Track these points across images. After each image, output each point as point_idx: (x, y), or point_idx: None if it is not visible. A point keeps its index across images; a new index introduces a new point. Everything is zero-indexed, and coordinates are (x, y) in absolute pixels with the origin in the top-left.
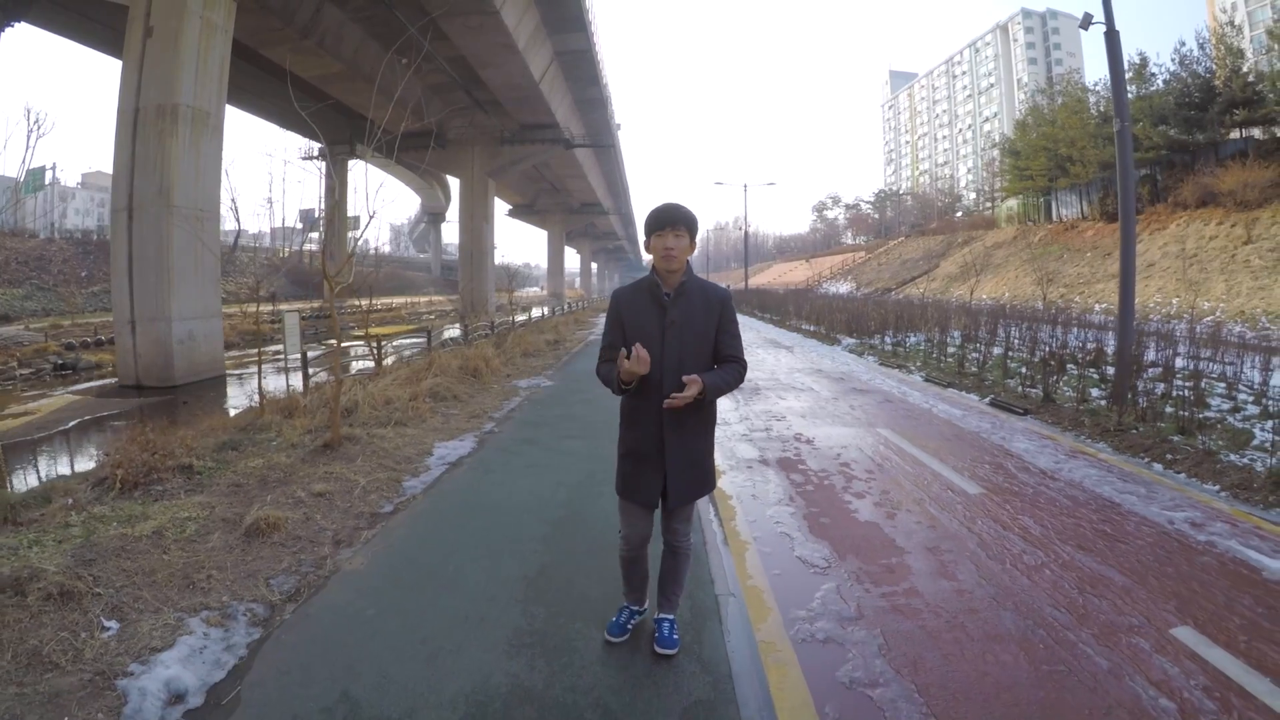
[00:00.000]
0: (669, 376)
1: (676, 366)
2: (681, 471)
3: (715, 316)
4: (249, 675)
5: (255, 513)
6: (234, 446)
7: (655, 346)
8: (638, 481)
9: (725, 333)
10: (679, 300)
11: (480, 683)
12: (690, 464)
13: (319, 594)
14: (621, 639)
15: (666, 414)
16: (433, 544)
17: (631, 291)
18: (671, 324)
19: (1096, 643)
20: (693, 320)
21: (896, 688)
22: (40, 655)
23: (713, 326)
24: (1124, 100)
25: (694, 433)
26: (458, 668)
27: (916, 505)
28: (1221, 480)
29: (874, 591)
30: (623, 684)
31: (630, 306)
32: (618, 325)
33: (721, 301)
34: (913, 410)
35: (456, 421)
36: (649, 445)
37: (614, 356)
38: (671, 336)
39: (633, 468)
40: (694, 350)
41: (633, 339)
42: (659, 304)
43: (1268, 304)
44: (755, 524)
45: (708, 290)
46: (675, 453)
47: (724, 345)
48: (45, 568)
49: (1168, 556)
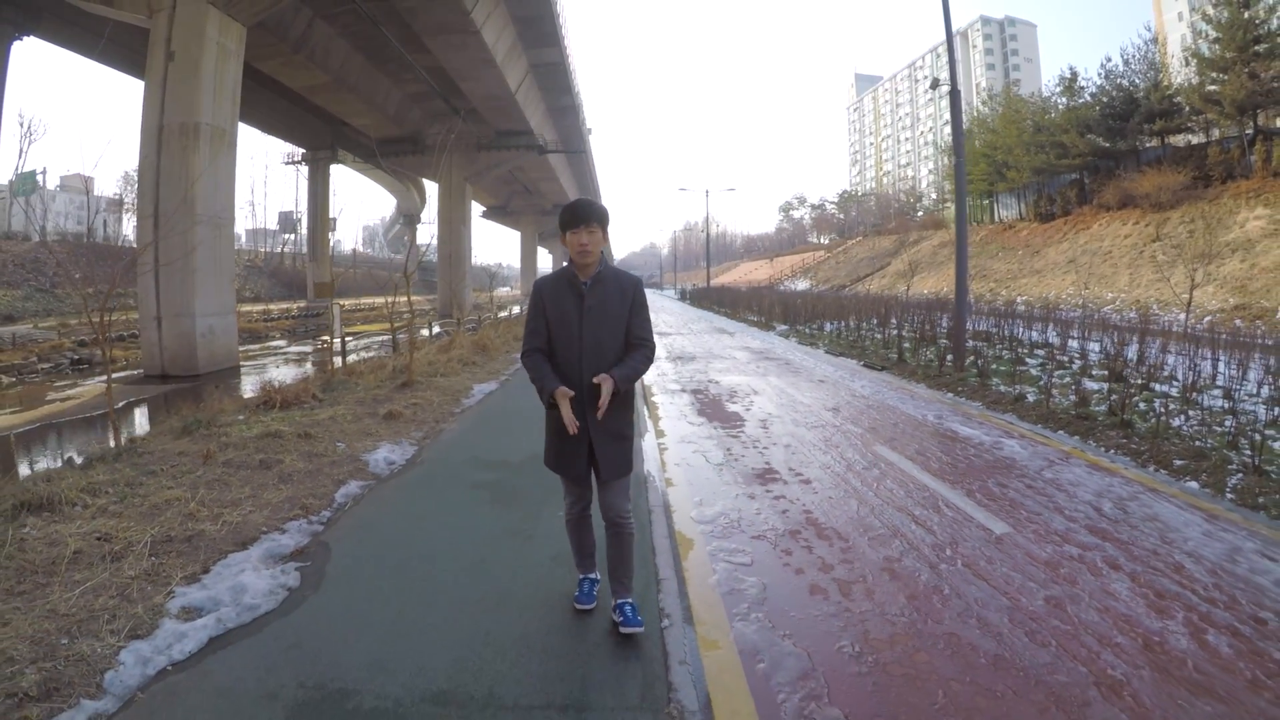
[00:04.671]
0: (588, 357)
1: (594, 347)
2: (606, 446)
3: (628, 301)
4: (419, 456)
5: (385, 409)
6: (332, 389)
7: (574, 329)
8: (566, 458)
9: (636, 316)
10: (595, 288)
11: (527, 449)
12: (614, 438)
13: (438, 436)
14: (592, 605)
15: (588, 393)
16: (487, 422)
17: (552, 281)
18: (589, 310)
19: (834, 449)
20: (608, 305)
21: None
22: (315, 454)
23: (626, 310)
24: (961, 143)
25: (615, 410)
26: (516, 447)
27: (774, 406)
28: (983, 399)
29: (723, 430)
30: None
31: (551, 295)
32: (540, 312)
33: (634, 287)
34: (799, 367)
35: (480, 375)
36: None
37: (540, 343)
38: (589, 320)
39: (560, 445)
40: (609, 332)
41: (554, 324)
42: (577, 292)
43: (1160, 294)
44: (669, 414)
45: (621, 278)
46: (598, 430)
47: (635, 327)
48: (283, 430)
49: (906, 426)
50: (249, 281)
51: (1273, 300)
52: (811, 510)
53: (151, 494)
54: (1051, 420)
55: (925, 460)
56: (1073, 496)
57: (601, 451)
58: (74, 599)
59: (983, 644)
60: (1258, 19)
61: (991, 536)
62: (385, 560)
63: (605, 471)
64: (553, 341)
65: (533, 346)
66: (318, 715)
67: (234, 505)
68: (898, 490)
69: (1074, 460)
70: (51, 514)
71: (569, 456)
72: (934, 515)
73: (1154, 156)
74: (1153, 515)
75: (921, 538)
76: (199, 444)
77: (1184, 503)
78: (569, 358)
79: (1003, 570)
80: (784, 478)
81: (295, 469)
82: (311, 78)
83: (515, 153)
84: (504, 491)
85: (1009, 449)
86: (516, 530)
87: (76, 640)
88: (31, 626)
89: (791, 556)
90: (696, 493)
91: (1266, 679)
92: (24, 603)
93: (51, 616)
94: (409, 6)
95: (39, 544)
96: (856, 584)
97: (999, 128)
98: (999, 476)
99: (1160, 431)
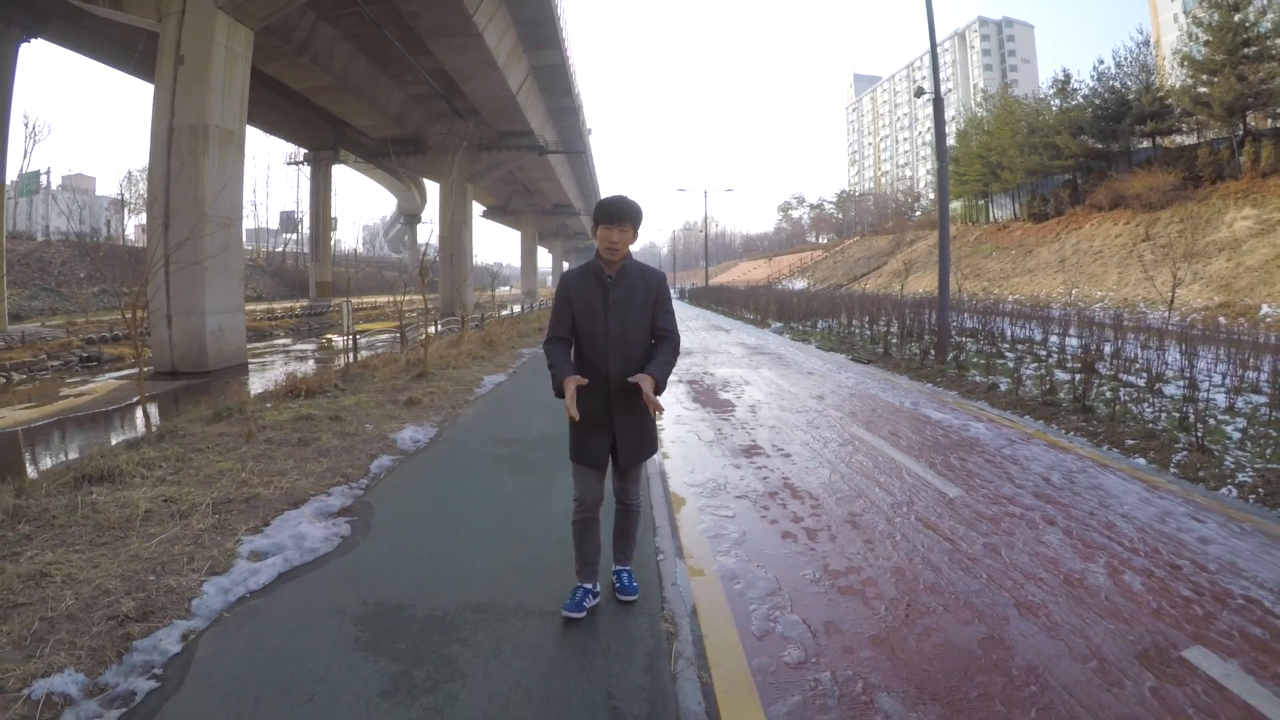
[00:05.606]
0: (614, 348)
1: (620, 338)
2: (629, 436)
3: (653, 295)
4: (441, 435)
5: (404, 396)
6: (350, 380)
7: (600, 322)
8: (589, 446)
9: (660, 308)
10: (621, 281)
11: (538, 430)
12: (637, 430)
13: (455, 419)
14: (581, 615)
15: (614, 383)
16: (500, 407)
17: (579, 274)
18: (614, 302)
19: (815, 430)
20: (632, 298)
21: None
22: (347, 433)
23: (650, 303)
24: (944, 150)
25: (640, 404)
26: (528, 428)
27: (763, 395)
28: (960, 388)
29: (715, 415)
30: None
31: (578, 287)
32: (566, 303)
33: (658, 282)
34: (790, 361)
35: (489, 368)
36: (599, 413)
37: (564, 333)
38: (615, 312)
39: (584, 434)
40: (635, 324)
41: (580, 316)
42: (603, 285)
43: (1146, 293)
44: (665, 402)
45: (645, 272)
46: (623, 420)
47: (659, 319)
48: (314, 413)
49: (883, 411)
50: (251, 280)
51: (1256, 298)
52: (789, 477)
53: (204, 466)
54: (1019, 406)
55: (896, 439)
56: (1025, 469)
57: (625, 442)
58: (153, 547)
59: (923, 575)
60: (1248, 22)
61: (945, 498)
62: (422, 514)
63: (625, 460)
64: (579, 334)
65: (556, 335)
66: (380, 622)
67: (281, 474)
68: (867, 462)
69: (1035, 440)
70: (113, 484)
71: (589, 445)
72: (896, 482)
73: (1145, 157)
74: (1097, 485)
75: (882, 498)
76: (236, 426)
77: (1128, 475)
78: (595, 349)
79: (949, 523)
80: (767, 452)
81: (331, 445)
82: (315, 79)
83: (516, 153)
84: (519, 463)
85: (975, 430)
86: (534, 491)
87: (163, 577)
88: (120, 568)
89: (768, 511)
90: (689, 464)
91: (1169, 609)
92: (109, 551)
93: (136, 560)
94: (412, 10)
95: (110, 506)
96: (822, 531)
97: (994, 129)
98: (961, 453)
99: (1118, 416)
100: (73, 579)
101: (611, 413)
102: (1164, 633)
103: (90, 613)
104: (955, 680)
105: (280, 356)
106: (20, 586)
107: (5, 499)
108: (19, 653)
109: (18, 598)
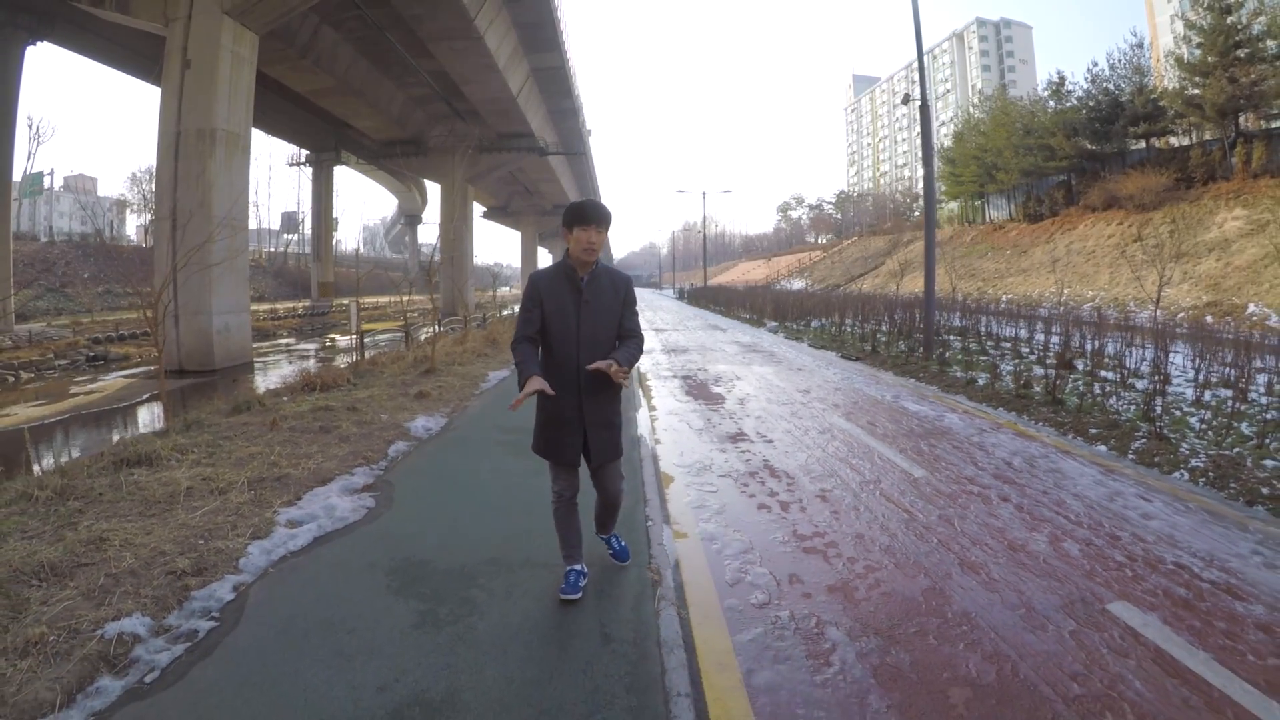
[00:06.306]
0: (584, 348)
1: (590, 339)
2: (598, 432)
3: (620, 297)
4: (451, 424)
5: (415, 390)
6: (361, 375)
7: (571, 322)
8: (559, 444)
9: (628, 310)
10: (592, 284)
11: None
12: (605, 425)
13: (464, 410)
14: (577, 596)
15: (584, 382)
16: (505, 400)
17: (548, 276)
18: (585, 303)
19: (798, 419)
20: (602, 300)
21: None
22: (364, 422)
23: (618, 305)
24: (930, 155)
25: (607, 399)
26: (530, 416)
27: (753, 389)
28: (941, 383)
29: (706, 407)
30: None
31: (549, 288)
32: (536, 304)
33: (626, 285)
34: (781, 358)
35: (493, 365)
36: (569, 411)
37: (531, 333)
38: (586, 313)
39: (554, 433)
40: (604, 325)
41: (551, 316)
42: (576, 287)
43: (1136, 293)
44: (660, 395)
45: (614, 275)
46: (592, 416)
47: (626, 320)
48: (331, 405)
49: (864, 404)
50: (254, 281)
51: (1243, 297)
52: (770, 460)
53: (235, 451)
54: (994, 400)
55: (873, 428)
56: (990, 454)
57: (594, 437)
58: (198, 518)
59: (880, 539)
60: (1240, 24)
61: (910, 478)
62: (438, 490)
63: (596, 457)
64: (548, 333)
65: (523, 335)
66: (407, 574)
67: (307, 457)
68: (843, 448)
69: (1004, 430)
70: (151, 467)
71: (561, 443)
72: (867, 464)
73: (1139, 159)
74: (1055, 469)
75: (851, 477)
76: (258, 417)
77: (1087, 460)
78: (566, 348)
79: (910, 498)
80: (751, 439)
81: (350, 433)
82: (317, 82)
83: (516, 154)
84: (523, 448)
85: (949, 420)
86: (535, 471)
87: (211, 541)
88: (172, 534)
89: (748, 488)
90: (679, 448)
91: (1102, 570)
92: (159, 520)
93: (185, 528)
94: (414, 14)
95: (153, 484)
96: (794, 504)
97: (989, 130)
98: (932, 440)
99: (1086, 408)
100: (130, 543)
101: (583, 411)
102: (1092, 590)
103: (149, 569)
104: (897, 620)
105: (285, 356)
106: (82, 550)
107: (53, 480)
108: (89, 602)
109: (81, 559)
